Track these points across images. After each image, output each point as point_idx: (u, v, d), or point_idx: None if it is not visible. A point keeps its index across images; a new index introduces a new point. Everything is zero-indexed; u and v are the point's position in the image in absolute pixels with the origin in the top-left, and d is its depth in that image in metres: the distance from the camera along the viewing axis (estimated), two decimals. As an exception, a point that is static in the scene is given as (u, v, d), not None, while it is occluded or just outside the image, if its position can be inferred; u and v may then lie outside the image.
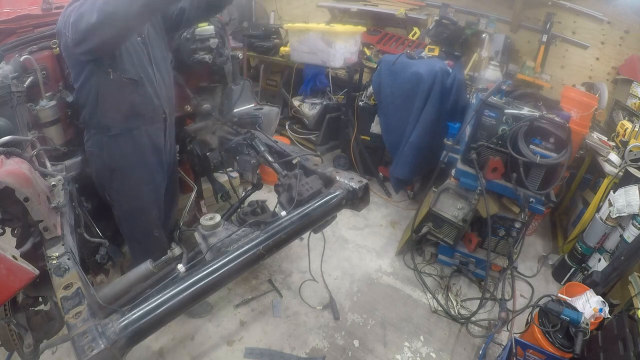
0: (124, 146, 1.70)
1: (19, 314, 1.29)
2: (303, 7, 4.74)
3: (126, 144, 1.71)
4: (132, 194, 1.80)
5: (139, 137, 1.74)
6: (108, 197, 1.80)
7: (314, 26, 3.40)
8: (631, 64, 3.17)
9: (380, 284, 2.66)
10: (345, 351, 2.18)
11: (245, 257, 1.29)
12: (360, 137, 3.58)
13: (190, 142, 2.33)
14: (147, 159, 1.80)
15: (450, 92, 2.85)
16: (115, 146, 1.69)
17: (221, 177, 2.74)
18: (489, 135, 2.23)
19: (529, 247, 3.09)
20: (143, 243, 1.95)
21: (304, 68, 3.95)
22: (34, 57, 1.58)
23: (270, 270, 2.67)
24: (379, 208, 3.45)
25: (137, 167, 1.77)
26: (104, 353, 0.92)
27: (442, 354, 2.20)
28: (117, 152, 1.70)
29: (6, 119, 1.36)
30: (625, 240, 2.28)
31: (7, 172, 1.09)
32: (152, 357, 2.05)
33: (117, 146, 1.69)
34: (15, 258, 0.99)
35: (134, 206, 1.83)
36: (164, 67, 1.80)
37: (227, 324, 2.27)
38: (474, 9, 3.73)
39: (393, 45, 3.72)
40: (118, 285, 1.38)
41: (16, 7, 1.85)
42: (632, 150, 2.42)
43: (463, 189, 2.42)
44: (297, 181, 1.64)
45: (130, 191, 1.79)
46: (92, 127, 1.68)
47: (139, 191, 1.81)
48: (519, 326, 2.32)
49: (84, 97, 1.61)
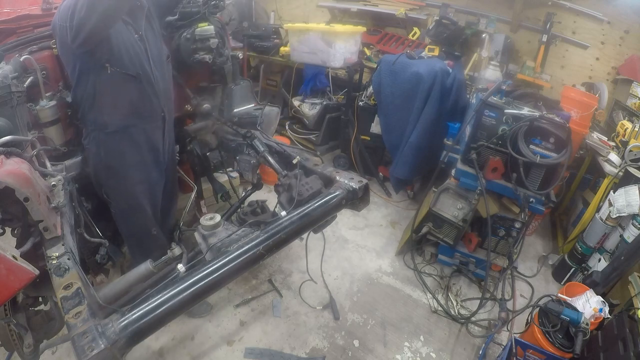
0: (121, 144, 1.71)
1: (19, 314, 1.29)
2: (303, 7, 4.74)
3: (123, 142, 1.71)
4: (127, 192, 1.81)
5: (137, 135, 1.74)
6: (105, 195, 1.81)
7: (314, 26, 3.40)
8: (631, 64, 3.17)
9: (380, 284, 2.66)
10: (345, 351, 2.18)
11: (245, 257, 1.29)
12: (360, 137, 3.58)
13: (190, 142, 2.33)
14: (144, 158, 1.80)
15: (450, 92, 2.85)
16: (112, 143, 1.69)
17: (221, 177, 2.73)
18: (489, 135, 2.23)
19: (529, 247, 3.08)
20: (141, 242, 1.95)
21: (304, 68, 3.95)
22: (34, 57, 1.58)
23: (270, 270, 2.67)
24: (379, 208, 3.45)
25: (132, 166, 1.77)
26: (104, 353, 0.92)
27: (442, 354, 2.20)
28: (114, 150, 1.70)
29: (6, 119, 1.36)
30: (625, 240, 2.28)
31: (7, 172, 1.09)
32: (152, 357, 2.05)
33: (114, 143, 1.69)
34: (15, 258, 0.99)
35: (130, 204, 1.84)
36: (162, 66, 1.80)
37: (227, 324, 2.27)
38: (474, 9, 3.73)
39: (393, 45, 3.71)
40: (118, 285, 1.38)
41: (16, 7, 1.85)
42: (632, 150, 2.42)
43: (463, 189, 2.42)
44: (297, 181, 1.64)
45: (126, 189, 1.80)
46: (90, 124, 1.68)
47: (134, 189, 1.82)
48: (519, 326, 2.32)
49: (81, 93, 1.62)
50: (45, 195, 1.26)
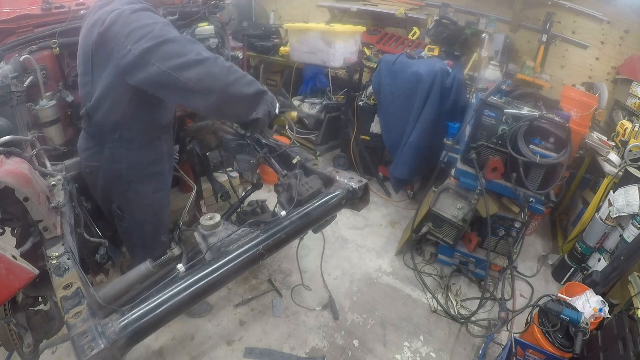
0: (145, 157, 1.63)
1: (19, 314, 1.29)
2: (303, 7, 4.74)
3: (147, 154, 1.63)
4: (146, 202, 1.73)
5: (159, 146, 1.68)
6: (118, 209, 1.73)
7: (314, 26, 3.40)
8: (631, 64, 3.17)
9: (380, 284, 2.66)
10: (345, 351, 2.18)
11: (245, 257, 1.29)
12: (360, 137, 3.58)
13: (190, 142, 2.33)
14: (164, 168, 1.75)
15: (450, 92, 2.85)
16: (135, 157, 1.60)
17: (221, 177, 2.73)
18: (489, 135, 2.23)
19: (529, 247, 3.08)
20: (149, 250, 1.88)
21: (304, 68, 3.95)
22: (34, 57, 1.58)
23: (270, 270, 2.67)
24: (379, 208, 3.45)
25: (154, 175, 1.71)
26: (104, 353, 0.92)
27: (442, 354, 2.20)
28: (136, 163, 1.62)
29: (6, 119, 1.36)
30: (625, 240, 2.28)
31: (7, 172, 1.09)
32: (152, 357, 2.05)
33: (137, 157, 1.61)
34: (15, 258, 0.99)
35: (148, 213, 1.76)
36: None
37: (227, 324, 2.27)
38: (474, 9, 3.73)
39: (393, 45, 3.72)
40: (118, 285, 1.38)
41: (16, 7, 1.85)
42: (632, 150, 2.42)
43: (463, 189, 2.42)
44: (297, 181, 1.63)
45: (146, 199, 1.72)
46: (109, 142, 1.56)
47: (154, 198, 1.75)
48: (519, 326, 2.32)
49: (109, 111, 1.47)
50: (45, 195, 1.26)
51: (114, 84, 1.40)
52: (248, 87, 1.36)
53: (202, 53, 1.29)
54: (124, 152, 1.58)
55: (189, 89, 1.28)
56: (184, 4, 2.12)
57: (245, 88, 1.35)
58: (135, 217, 1.75)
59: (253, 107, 1.40)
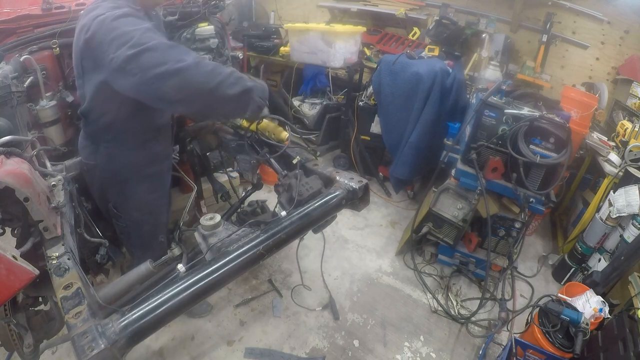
0: (139, 157, 1.63)
1: (19, 314, 1.29)
2: (303, 7, 4.74)
3: (141, 155, 1.64)
4: (141, 202, 1.73)
5: (154, 147, 1.68)
6: (114, 208, 1.73)
7: (314, 26, 3.40)
8: (631, 64, 3.17)
9: (380, 284, 2.66)
10: (345, 351, 2.18)
11: (245, 257, 1.29)
12: (360, 137, 3.58)
13: (190, 142, 2.33)
14: (160, 167, 1.75)
15: (450, 92, 2.85)
16: (129, 157, 1.61)
17: (221, 177, 2.73)
18: (489, 135, 2.23)
19: (529, 247, 3.09)
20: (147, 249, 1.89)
21: (304, 68, 3.95)
22: (34, 57, 1.58)
23: (270, 270, 2.67)
24: (379, 208, 3.45)
25: (150, 176, 1.71)
26: (104, 353, 0.91)
27: (442, 354, 2.20)
28: (131, 163, 1.62)
29: (6, 119, 1.36)
30: (625, 240, 2.28)
31: (7, 172, 1.09)
32: (152, 357, 2.05)
33: (131, 157, 1.62)
34: (15, 258, 0.99)
35: (145, 213, 1.76)
36: None
37: (227, 324, 2.27)
38: (474, 9, 3.73)
39: (393, 45, 3.71)
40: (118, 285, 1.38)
41: (16, 7, 1.85)
42: (632, 150, 2.42)
43: (463, 189, 2.42)
44: (297, 181, 1.63)
45: (141, 199, 1.72)
46: (104, 142, 1.57)
47: (149, 198, 1.75)
48: (519, 326, 2.32)
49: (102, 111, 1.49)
50: (45, 195, 1.26)
51: (103, 89, 1.39)
52: (232, 88, 1.32)
53: (184, 58, 1.25)
54: (118, 152, 1.58)
55: (169, 99, 1.26)
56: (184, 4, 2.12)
57: (230, 89, 1.31)
58: (132, 216, 1.76)
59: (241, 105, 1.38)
